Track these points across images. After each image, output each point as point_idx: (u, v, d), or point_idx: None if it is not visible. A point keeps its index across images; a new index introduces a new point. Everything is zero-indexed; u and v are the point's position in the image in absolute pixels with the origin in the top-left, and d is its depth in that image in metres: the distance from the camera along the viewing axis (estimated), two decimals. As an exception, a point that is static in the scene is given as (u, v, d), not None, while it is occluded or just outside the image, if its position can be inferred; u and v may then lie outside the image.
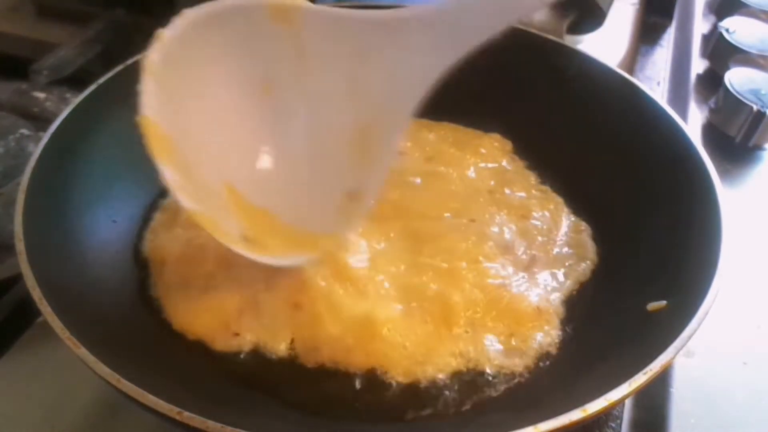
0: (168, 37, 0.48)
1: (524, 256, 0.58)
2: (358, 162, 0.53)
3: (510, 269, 0.57)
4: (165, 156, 0.46)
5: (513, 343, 0.52)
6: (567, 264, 0.59)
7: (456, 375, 0.50)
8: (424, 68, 0.50)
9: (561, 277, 0.58)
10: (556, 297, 0.56)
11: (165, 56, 0.48)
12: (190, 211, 0.48)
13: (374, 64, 0.52)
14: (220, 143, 0.52)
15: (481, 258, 0.57)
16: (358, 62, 0.52)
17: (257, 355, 0.51)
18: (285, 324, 0.52)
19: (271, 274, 0.53)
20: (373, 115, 0.52)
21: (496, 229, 0.60)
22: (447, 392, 0.49)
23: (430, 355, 0.51)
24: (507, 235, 0.60)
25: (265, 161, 0.55)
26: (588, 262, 0.59)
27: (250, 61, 0.53)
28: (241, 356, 0.51)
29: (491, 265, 0.56)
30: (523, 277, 0.57)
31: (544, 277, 0.57)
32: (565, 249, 0.60)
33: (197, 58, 0.50)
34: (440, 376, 0.50)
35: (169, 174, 0.46)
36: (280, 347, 0.51)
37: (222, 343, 0.51)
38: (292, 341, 0.51)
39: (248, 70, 0.53)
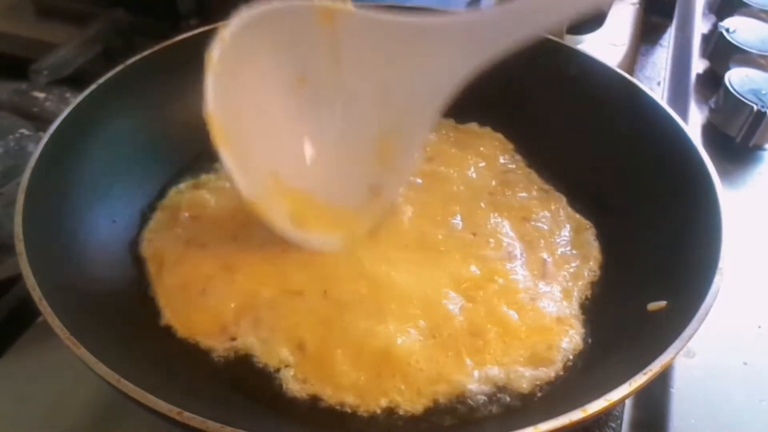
0: (227, 35, 0.52)
1: (534, 264, 0.58)
2: (380, 160, 0.57)
3: (523, 278, 0.56)
4: (226, 147, 0.51)
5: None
6: (575, 266, 0.59)
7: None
8: (448, 74, 0.53)
9: (572, 280, 0.57)
10: (575, 302, 0.56)
11: (223, 53, 0.52)
12: (246, 199, 0.53)
13: (401, 68, 0.55)
14: (264, 133, 0.56)
15: (496, 278, 0.56)
16: (386, 66, 0.56)
17: (252, 363, 0.50)
18: (284, 348, 0.51)
19: (275, 292, 0.53)
20: (397, 117, 0.56)
21: (501, 238, 0.59)
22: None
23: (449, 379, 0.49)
24: (511, 243, 0.59)
25: (302, 150, 0.58)
26: (593, 262, 0.59)
27: (291, 57, 0.56)
28: (238, 362, 0.50)
29: (501, 280, 0.56)
30: (539, 285, 0.56)
31: (556, 283, 0.57)
32: (570, 250, 0.60)
33: (247, 54, 0.54)
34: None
35: (230, 163, 0.51)
36: (274, 363, 0.50)
37: (219, 346, 0.51)
38: (290, 366, 0.50)
39: (288, 65, 0.56)
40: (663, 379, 0.54)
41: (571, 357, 0.52)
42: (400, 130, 0.56)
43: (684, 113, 0.82)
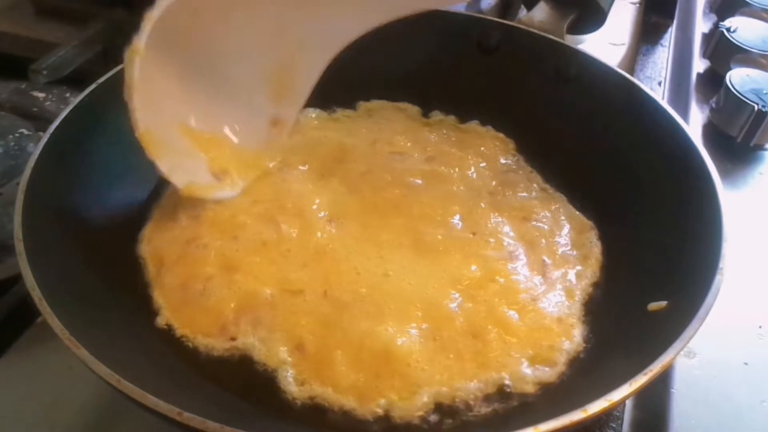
0: (141, 45, 0.55)
1: (535, 264, 0.58)
2: (278, 94, 0.64)
3: (524, 278, 0.56)
4: (162, 158, 0.55)
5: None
6: (575, 266, 0.58)
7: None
8: (348, 27, 0.61)
9: (573, 280, 0.57)
10: (576, 302, 0.56)
11: (142, 63, 0.54)
12: (184, 187, 0.57)
13: (307, 12, 0.61)
14: (175, 94, 0.59)
15: (497, 278, 0.56)
16: (292, 7, 0.61)
17: (251, 363, 0.50)
18: (284, 348, 0.51)
19: (275, 292, 0.53)
20: (293, 56, 0.63)
21: (502, 238, 0.59)
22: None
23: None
24: (511, 243, 0.59)
25: (208, 94, 0.62)
26: (594, 262, 0.59)
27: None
28: (237, 362, 0.50)
29: (501, 280, 0.56)
30: (539, 285, 0.56)
31: (557, 283, 0.57)
32: (570, 250, 0.60)
33: (160, 47, 0.56)
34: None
35: (165, 170, 0.56)
36: (273, 364, 0.50)
37: (219, 346, 0.51)
38: (290, 366, 0.50)
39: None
40: (663, 379, 0.54)
41: (571, 357, 0.51)
42: (293, 69, 0.63)
43: (685, 113, 0.82)
